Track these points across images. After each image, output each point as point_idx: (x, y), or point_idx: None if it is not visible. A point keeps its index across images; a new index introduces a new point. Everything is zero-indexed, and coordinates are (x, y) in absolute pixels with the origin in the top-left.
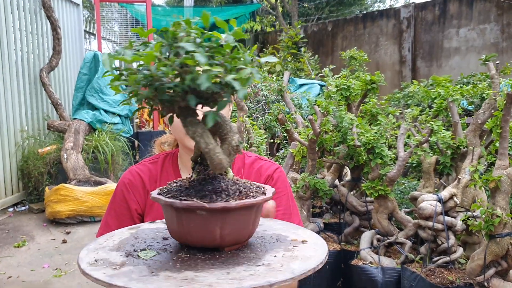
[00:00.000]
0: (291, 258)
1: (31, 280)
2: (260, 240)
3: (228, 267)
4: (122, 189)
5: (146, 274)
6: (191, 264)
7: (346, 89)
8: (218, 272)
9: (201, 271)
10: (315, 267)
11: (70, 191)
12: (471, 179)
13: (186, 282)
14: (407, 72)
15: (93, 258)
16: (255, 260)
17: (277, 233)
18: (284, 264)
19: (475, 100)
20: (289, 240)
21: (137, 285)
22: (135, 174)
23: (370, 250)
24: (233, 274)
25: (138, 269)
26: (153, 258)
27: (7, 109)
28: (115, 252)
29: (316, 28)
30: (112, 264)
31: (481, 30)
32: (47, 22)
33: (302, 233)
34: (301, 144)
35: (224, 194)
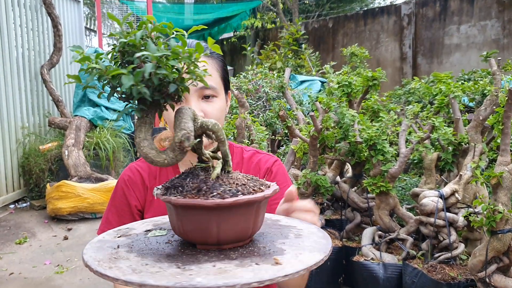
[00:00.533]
0: (297, 250)
1: (33, 276)
2: (263, 236)
3: (226, 262)
4: (122, 185)
5: (146, 268)
6: (190, 260)
7: (348, 85)
8: (216, 268)
9: (196, 267)
10: (323, 258)
11: (72, 187)
12: (472, 176)
13: (184, 276)
14: (408, 68)
15: (98, 253)
16: (259, 256)
17: (281, 227)
18: (290, 257)
19: (476, 97)
20: (293, 234)
21: (138, 278)
22: (134, 170)
23: (371, 246)
24: (232, 271)
25: (140, 262)
26: (156, 250)
27: (8, 105)
28: (118, 244)
29: (317, 24)
30: (114, 257)
31: (482, 27)
32: (48, 19)
33: (305, 227)
34: (302, 140)
35: (222, 191)
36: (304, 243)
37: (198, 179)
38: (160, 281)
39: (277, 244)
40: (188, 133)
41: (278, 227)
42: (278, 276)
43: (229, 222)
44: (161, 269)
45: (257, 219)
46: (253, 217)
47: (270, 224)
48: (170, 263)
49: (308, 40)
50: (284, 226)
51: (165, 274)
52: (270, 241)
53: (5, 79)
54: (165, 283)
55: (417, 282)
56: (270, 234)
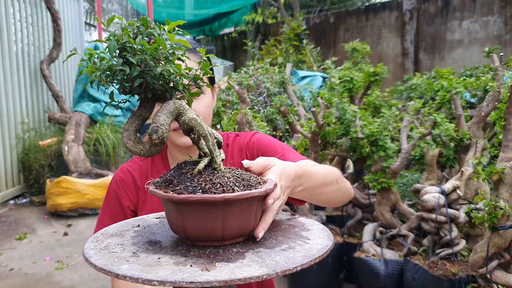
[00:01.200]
0: (301, 243)
1: (33, 272)
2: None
3: (233, 258)
4: (114, 187)
5: (146, 264)
6: (195, 256)
7: (349, 81)
8: (225, 263)
9: (201, 262)
10: (329, 248)
11: (72, 183)
12: (474, 172)
13: (194, 271)
14: (410, 64)
15: (97, 248)
16: (266, 251)
17: (281, 221)
18: (296, 249)
19: (478, 93)
20: (295, 229)
21: (141, 274)
22: (125, 171)
23: (372, 242)
24: (244, 266)
25: (140, 259)
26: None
27: (8, 101)
28: (117, 241)
29: (318, 20)
30: (115, 253)
31: (484, 23)
32: (48, 14)
33: (303, 220)
34: (303, 136)
35: (225, 186)
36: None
37: (201, 174)
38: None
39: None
40: (157, 126)
41: None
42: None
43: (234, 217)
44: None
45: (257, 214)
46: (254, 211)
47: None
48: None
49: (309, 36)
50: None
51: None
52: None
53: (5, 74)
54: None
55: (418, 278)
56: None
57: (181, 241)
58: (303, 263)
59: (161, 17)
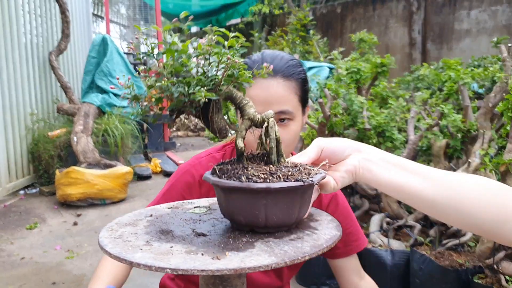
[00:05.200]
0: (309, 234)
1: (43, 261)
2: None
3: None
4: (183, 187)
5: (159, 252)
6: (206, 245)
7: (356, 72)
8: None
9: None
10: (337, 238)
11: (81, 174)
12: (481, 163)
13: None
14: (417, 54)
15: (112, 236)
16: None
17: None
18: (304, 239)
19: (486, 83)
20: (304, 220)
21: (154, 262)
22: (206, 167)
23: (379, 233)
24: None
25: (153, 248)
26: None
27: (17, 92)
28: (131, 230)
29: (325, 10)
30: (129, 242)
31: (493, 12)
32: (56, 5)
33: (312, 211)
34: (310, 127)
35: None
36: None
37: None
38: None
39: None
40: None
41: None
42: None
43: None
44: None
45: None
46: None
47: None
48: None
49: (316, 26)
50: None
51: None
52: None
53: (14, 65)
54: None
55: (425, 269)
56: None
57: (194, 231)
58: (311, 253)
59: (168, 8)
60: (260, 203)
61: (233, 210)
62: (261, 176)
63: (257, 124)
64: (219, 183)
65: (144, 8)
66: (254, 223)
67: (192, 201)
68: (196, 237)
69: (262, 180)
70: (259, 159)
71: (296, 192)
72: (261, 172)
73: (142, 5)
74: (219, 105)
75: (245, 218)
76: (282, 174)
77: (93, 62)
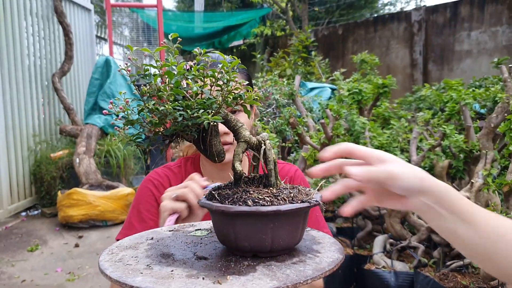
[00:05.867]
0: (311, 257)
1: (44, 284)
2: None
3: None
4: (150, 187)
5: (159, 276)
6: (207, 269)
7: (358, 93)
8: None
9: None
10: (339, 262)
11: (83, 195)
12: (484, 183)
13: None
14: (419, 75)
15: (112, 260)
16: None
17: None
18: (307, 262)
19: (488, 104)
20: (306, 243)
21: (155, 286)
22: (162, 175)
23: (383, 254)
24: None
25: (154, 272)
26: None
27: (20, 113)
28: (132, 253)
29: (327, 32)
30: (129, 266)
31: (493, 33)
32: (60, 28)
33: (314, 233)
34: (313, 148)
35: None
36: None
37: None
38: None
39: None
40: None
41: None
42: None
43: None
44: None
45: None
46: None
47: None
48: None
49: (317, 47)
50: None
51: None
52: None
53: (17, 87)
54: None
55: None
56: None
57: (195, 254)
58: (313, 276)
59: (171, 30)
60: (268, 227)
61: (237, 236)
62: (266, 199)
63: (253, 146)
64: (225, 209)
65: (147, 30)
66: (259, 248)
67: (193, 224)
68: (197, 260)
69: (270, 203)
70: (256, 182)
71: (301, 213)
72: (266, 195)
73: (145, 27)
74: (217, 128)
75: (250, 243)
76: (286, 196)
77: (96, 84)
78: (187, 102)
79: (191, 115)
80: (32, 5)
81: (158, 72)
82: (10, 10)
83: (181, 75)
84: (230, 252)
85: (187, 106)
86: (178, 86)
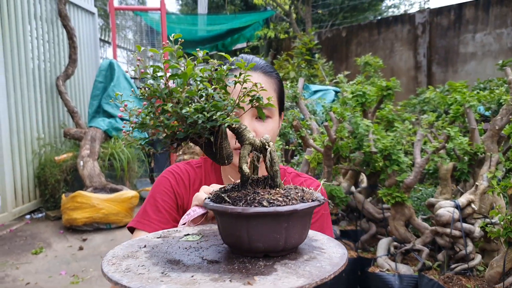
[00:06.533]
0: (319, 253)
1: (49, 286)
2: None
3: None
4: (169, 178)
5: (184, 282)
6: (226, 271)
7: (362, 95)
8: None
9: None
10: (346, 255)
11: (87, 198)
12: (489, 186)
13: None
14: (423, 77)
15: (120, 270)
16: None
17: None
18: (318, 259)
19: (492, 106)
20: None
21: None
22: (184, 170)
23: (387, 257)
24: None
25: (173, 278)
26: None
27: (24, 117)
28: (134, 262)
29: (330, 34)
30: (142, 274)
31: (498, 35)
32: (64, 31)
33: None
34: (316, 150)
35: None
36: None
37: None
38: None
39: None
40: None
41: None
42: None
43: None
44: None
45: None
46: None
47: None
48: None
49: (321, 50)
50: None
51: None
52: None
53: (22, 90)
54: None
55: None
56: None
57: (205, 259)
58: (334, 270)
59: (174, 33)
60: (282, 227)
61: (251, 238)
62: (279, 200)
63: (257, 148)
64: (242, 211)
65: (151, 33)
66: (273, 247)
67: (178, 229)
68: (210, 264)
69: (284, 203)
70: (262, 183)
71: (310, 212)
72: (278, 196)
73: (148, 30)
74: (226, 131)
75: (264, 243)
76: (295, 196)
77: (100, 87)
78: (202, 105)
79: (209, 117)
80: (36, 9)
81: (166, 74)
82: (14, 14)
83: (195, 77)
84: (238, 253)
85: (203, 109)
86: (198, 89)
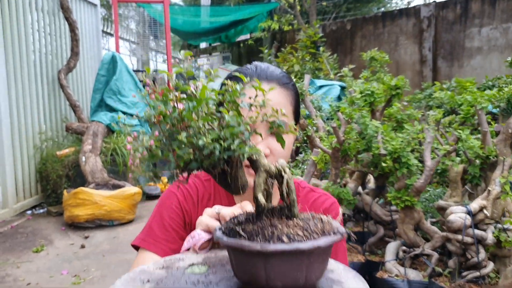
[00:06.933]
0: None
1: (49, 287)
2: None
3: None
4: (176, 193)
5: None
6: None
7: (371, 94)
8: None
9: None
10: None
11: (89, 195)
12: (501, 191)
13: None
14: (428, 72)
15: None
16: None
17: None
18: None
19: (501, 104)
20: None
21: None
22: (192, 184)
23: (395, 262)
24: None
25: None
26: None
27: (26, 111)
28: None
29: (335, 27)
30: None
31: (504, 29)
32: (65, 23)
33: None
34: (323, 151)
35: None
36: None
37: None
38: None
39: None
40: None
41: None
42: None
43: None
44: None
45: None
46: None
47: None
48: None
49: (325, 43)
50: None
51: None
52: None
53: (23, 84)
54: None
55: None
56: None
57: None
58: None
59: (177, 24)
60: (303, 264)
61: (270, 276)
62: (299, 234)
63: (272, 175)
64: (261, 248)
65: (153, 24)
66: (292, 286)
67: (182, 257)
68: None
69: (305, 238)
70: (277, 213)
71: (332, 246)
72: (297, 229)
73: (151, 21)
74: (242, 160)
75: (283, 282)
76: (315, 228)
77: (102, 81)
78: (218, 133)
79: (226, 147)
80: (37, 0)
81: (176, 96)
82: (15, 5)
83: (208, 100)
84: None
85: (218, 137)
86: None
